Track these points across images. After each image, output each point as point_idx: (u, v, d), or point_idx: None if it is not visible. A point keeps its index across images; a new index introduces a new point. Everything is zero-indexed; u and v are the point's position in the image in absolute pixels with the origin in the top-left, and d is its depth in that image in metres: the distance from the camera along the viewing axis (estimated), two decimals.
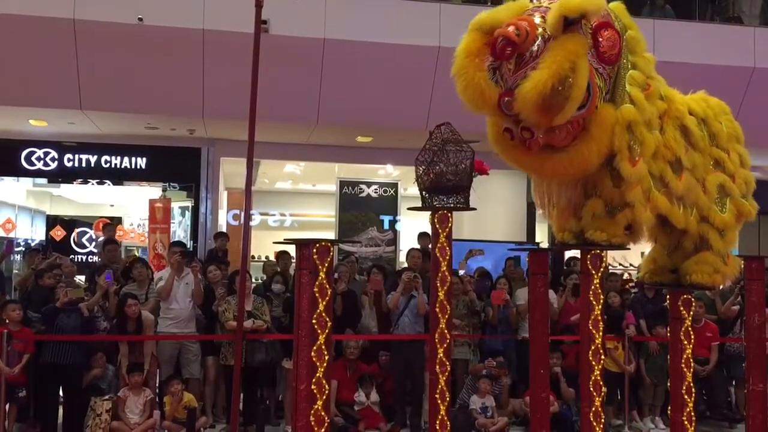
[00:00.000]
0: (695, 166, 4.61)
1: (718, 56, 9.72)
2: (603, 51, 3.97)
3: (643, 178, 4.26)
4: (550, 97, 3.65)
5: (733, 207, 4.80)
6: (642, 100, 4.20)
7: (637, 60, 4.31)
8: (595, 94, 3.97)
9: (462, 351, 8.03)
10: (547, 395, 5.01)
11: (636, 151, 4.20)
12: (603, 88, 4.07)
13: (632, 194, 4.27)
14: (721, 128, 4.86)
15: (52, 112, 9.60)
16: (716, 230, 4.76)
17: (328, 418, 4.18)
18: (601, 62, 4.01)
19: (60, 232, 13.21)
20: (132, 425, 7.11)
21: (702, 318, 8.04)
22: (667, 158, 4.44)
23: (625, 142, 4.18)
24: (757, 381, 5.17)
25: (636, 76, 4.25)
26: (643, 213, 4.33)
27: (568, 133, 4.00)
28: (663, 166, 4.41)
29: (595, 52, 3.95)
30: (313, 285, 4.17)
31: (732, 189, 4.79)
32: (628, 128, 4.17)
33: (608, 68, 4.09)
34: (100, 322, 7.41)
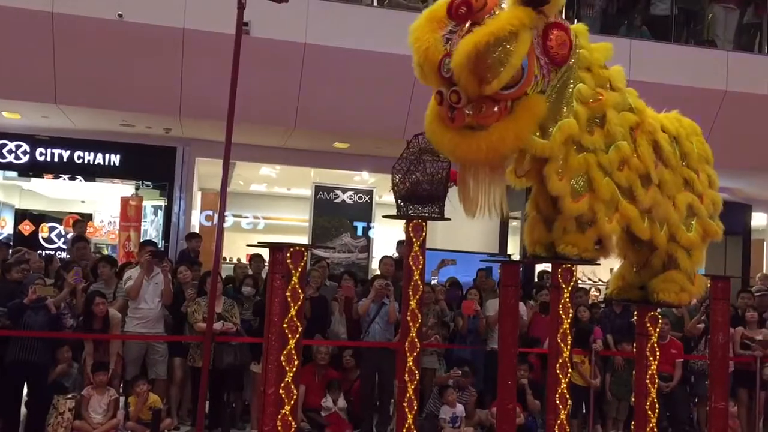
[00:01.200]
0: (665, 182, 4.68)
1: (691, 78, 9.90)
2: (551, 46, 4.02)
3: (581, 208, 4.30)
4: (484, 55, 3.68)
5: (699, 227, 4.86)
6: (584, 116, 4.20)
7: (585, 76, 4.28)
8: (530, 78, 3.94)
9: (430, 360, 8.06)
10: (514, 407, 5.05)
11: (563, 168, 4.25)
12: (540, 81, 4.05)
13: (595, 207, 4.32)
14: (692, 148, 4.94)
15: (26, 104, 9.47)
16: (684, 249, 4.83)
17: (296, 423, 4.18)
18: (545, 55, 4.03)
19: (28, 226, 13.01)
20: (95, 425, 7.01)
21: (668, 335, 8.17)
22: (639, 171, 4.49)
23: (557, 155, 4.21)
24: (720, 399, 5.26)
25: (583, 91, 4.25)
26: (605, 225, 4.36)
27: (493, 114, 3.91)
28: (633, 178, 4.47)
29: (542, 44, 4.01)
30: (286, 289, 4.17)
31: (699, 209, 4.86)
32: (564, 142, 4.19)
33: (552, 67, 4.10)
34: (67, 319, 7.31)
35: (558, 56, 4.07)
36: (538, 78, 4.01)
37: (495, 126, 3.94)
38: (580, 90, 4.24)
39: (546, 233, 4.61)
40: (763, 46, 11.15)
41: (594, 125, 4.35)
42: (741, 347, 8.41)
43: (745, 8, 11.26)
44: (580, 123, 4.21)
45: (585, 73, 4.30)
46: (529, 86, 3.97)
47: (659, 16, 10.78)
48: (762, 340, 8.40)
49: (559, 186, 4.27)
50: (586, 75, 4.30)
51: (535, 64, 3.97)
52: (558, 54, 4.07)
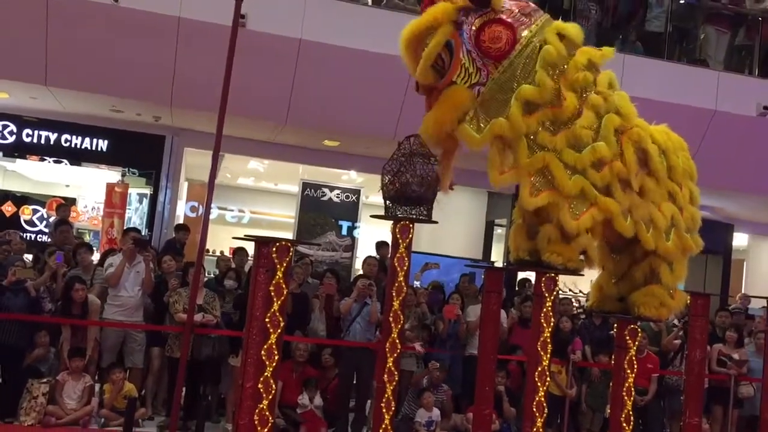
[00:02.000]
0: (647, 189, 4.73)
1: (681, 96, 9.97)
2: (483, 40, 4.25)
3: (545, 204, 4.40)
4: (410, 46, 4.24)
5: (676, 239, 4.89)
6: (517, 115, 4.26)
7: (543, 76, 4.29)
8: (454, 68, 4.22)
9: (408, 362, 8.06)
10: (491, 412, 5.08)
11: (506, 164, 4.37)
12: (474, 73, 4.26)
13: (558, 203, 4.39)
14: (678, 162, 4.98)
15: (15, 84, 9.38)
16: (666, 264, 4.87)
17: (273, 418, 4.17)
18: (476, 48, 4.25)
19: (11, 207, 12.87)
20: (68, 411, 6.96)
21: (645, 349, 8.22)
22: (621, 174, 4.54)
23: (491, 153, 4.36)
24: (694, 414, 5.31)
25: (526, 92, 4.28)
26: (569, 221, 4.37)
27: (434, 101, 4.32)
28: (612, 179, 4.51)
29: (475, 38, 4.24)
30: (269, 283, 4.16)
31: (679, 221, 4.89)
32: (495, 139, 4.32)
33: (489, 61, 4.27)
34: (46, 303, 7.25)
35: (491, 50, 4.26)
36: (470, 71, 4.23)
37: (427, 115, 4.31)
38: (521, 91, 4.29)
39: (528, 241, 4.64)
40: (753, 68, 11.26)
41: (557, 126, 4.41)
42: (717, 364, 8.49)
43: (736, 30, 11.37)
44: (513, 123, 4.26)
45: (544, 73, 4.31)
46: (455, 76, 4.22)
47: (653, 33, 10.87)
48: (739, 359, 8.48)
49: (498, 179, 4.39)
50: (544, 75, 4.30)
51: (465, 57, 4.22)
52: (491, 48, 4.25)
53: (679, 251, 4.93)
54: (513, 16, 4.34)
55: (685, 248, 4.96)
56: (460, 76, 4.25)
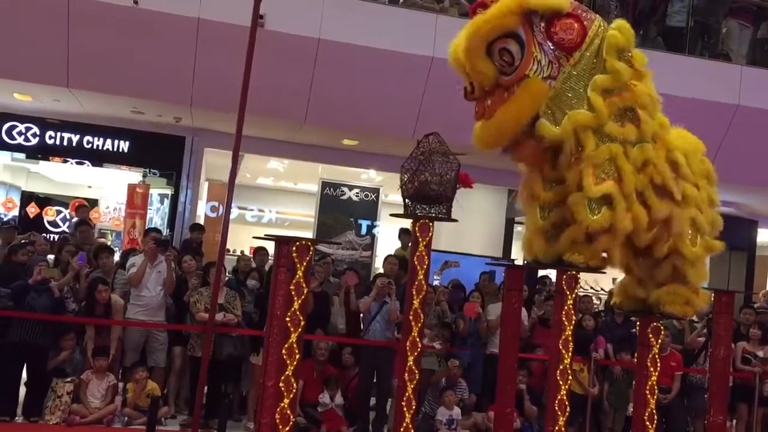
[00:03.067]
0: (687, 196, 4.68)
1: (704, 91, 9.86)
2: (554, 32, 4.22)
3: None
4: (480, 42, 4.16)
5: (703, 241, 4.85)
6: (600, 105, 4.22)
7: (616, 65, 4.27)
8: (527, 61, 4.16)
9: (429, 361, 8.05)
10: (512, 411, 5.06)
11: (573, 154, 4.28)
12: (547, 66, 4.21)
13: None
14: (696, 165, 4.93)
15: (38, 87, 9.48)
16: (690, 263, 4.82)
17: (294, 417, 4.18)
18: (549, 41, 4.21)
19: (34, 209, 13.03)
20: (92, 409, 7.04)
21: (668, 347, 8.14)
22: (655, 180, 4.49)
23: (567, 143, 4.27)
24: (718, 413, 5.26)
25: (601, 81, 4.27)
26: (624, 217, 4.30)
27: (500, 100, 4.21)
28: (646, 183, 4.46)
29: (545, 30, 4.21)
30: (290, 283, 4.18)
31: (702, 224, 4.83)
32: (576, 131, 4.25)
33: (561, 53, 4.24)
34: (69, 303, 7.34)
35: (564, 41, 4.23)
36: (543, 63, 4.19)
37: (497, 111, 4.19)
38: (596, 81, 4.27)
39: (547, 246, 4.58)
40: None
41: (625, 118, 4.36)
42: (742, 362, 8.40)
43: (759, 24, 11.22)
44: (597, 114, 4.23)
45: (614, 59, 4.29)
46: (528, 69, 4.16)
47: (675, 28, 10.75)
48: (763, 357, 8.38)
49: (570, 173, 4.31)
50: (614, 60, 4.29)
51: (537, 49, 4.16)
52: (564, 39, 4.22)
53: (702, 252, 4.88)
54: (580, 10, 4.36)
55: (708, 249, 4.91)
56: (532, 69, 4.19)
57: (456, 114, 4.70)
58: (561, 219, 4.50)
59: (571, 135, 4.24)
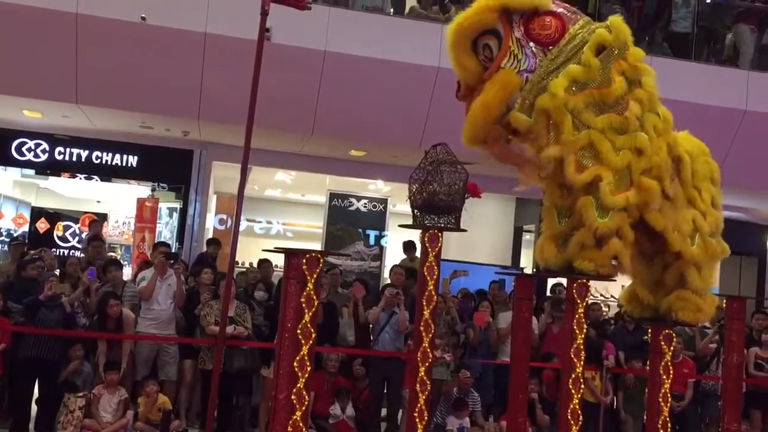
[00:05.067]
0: (676, 198, 4.67)
1: (711, 96, 9.83)
2: (532, 28, 4.31)
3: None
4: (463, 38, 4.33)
5: (702, 243, 4.81)
6: (558, 89, 4.24)
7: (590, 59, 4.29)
8: (503, 54, 4.25)
9: (440, 371, 8.03)
10: (524, 420, 5.03)
11: (551, 138, 4.29)
12: (521, 60, 4.28)
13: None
14: (699, 168, 4.92)
15: (47, 104, 9.55)
16: (694, 268, 4.79)
17: (306, 429, 4.18)
18: (526, 35, 4.30)
19: (44, 224, 13.11)
20: (104, 424, 7.05)
21: (680, 354, 8.09)
22: (642, 166, 4.45)
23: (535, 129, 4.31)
24: (732, 420, 5.22)
25: (572, 70, 4.28)
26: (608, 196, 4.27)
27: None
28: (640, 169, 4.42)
29: (524, 26, 4.31)
30: (300, 295, 4.18)
31: (702, 226, 4.81)
32: (542, 113, 4.28)
33: (540, 48, 4.31)
34: (80, 318, 7.37)
35: (541, 36, 4.31)
36: (519, 57, 4.27)
37: (472, 104, 4.29)
38: (567, 69, 4.30)
39: (558, 254, 4.58)
40: None
41: (602, 109, 4.35)
42: (755, 368, 8.33)
43: (764, 29, 11.20)
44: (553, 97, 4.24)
45: (590, 53, 4.32)
46: (504, 63, 4.25)
47: (680, 33, 10.73)
48: None
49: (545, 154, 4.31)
50: (590, 54, 4.31)
51: (514, 45, 4.27)
52: (540, 34, 4.31)
53: (706, 256, 4.84)
54: (563, 9, 4.43)
55: (711, 253, 4.86)
56: (508, 62, 4.26)
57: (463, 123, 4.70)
58: (578, 224, 4.50)
59: (539, 120, 4.28)
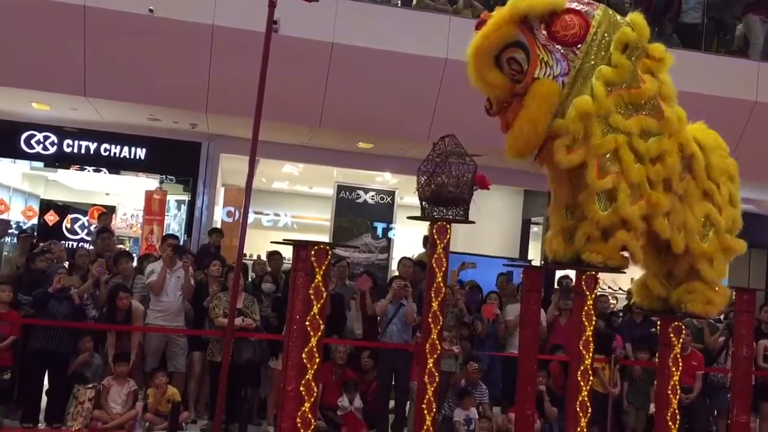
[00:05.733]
0: (687, 194, 4.66)
1: (720, 88, 9.77)
2: (555, 31, 4.26)
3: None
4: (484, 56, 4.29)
5: (715, 239, 4.78)
6: (602, 93, 4.23)
7: (621, 60, 4.29)
8: (533, 65, 4.22)
9: (448, 363, 8.03)
10: (533, 413, 5.04)
11: (578, 143, 4.28)
12: (553, 65, 4.25)
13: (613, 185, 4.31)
14: (715, 161, 4.89)
15: (55, 96, 9.57)
16: (706, 260, 4.77)
17: (314, 421, 4.19)
18: (553, 41, 4.25)
19: (53, 217, 13.16)
20: (114, 415, 7.09)
21: (689, 346, 8.07)
22: (665, 174, 4.46)
23: (573, 131, 4.27)
24: (741, 412, 5.21)
25: (606, 72, 4.27)
26: (626, 206, 4.30)
27: (516, 110, 4.29)
28: (660, 176, 4.44)
29: (546, 30, 4.26)
30: (309, 287, 4.18)
31: (718, 221, 4.79)
32: (580, 118, 4.25)
33: (567, 50, 4.28)
34: (89, 310, 7.40)
35: (567, 37, 4.26)
36: (550, 63, 4.23)
37: (515, 121, 4.24)
38: (601, 70, 4.28)
39: (567, 247, 4.58)
40: None
41: (631, 111, 4.34)
42: (764, 360, 8.31)
43: None
44: (597, 100, 4.23)
45: (618, 53, 4.30)
46: (537, 72, 4.21)
47: (690, 25, 10.67)
48: None
49: (565, 159, 4.32)
50: (619, 55, 4.30)
51: (542, 51, 4.21)
52: (566, 35, 4.26)
53: (719, 251, 4.81)
54: (578, 3, 4.38)
55: (725, 248, 4.84)
56: (541, 71, 4.24)
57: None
58: (582, 217, 4.49)
59: (575, 122, 4.25)
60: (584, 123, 4.26)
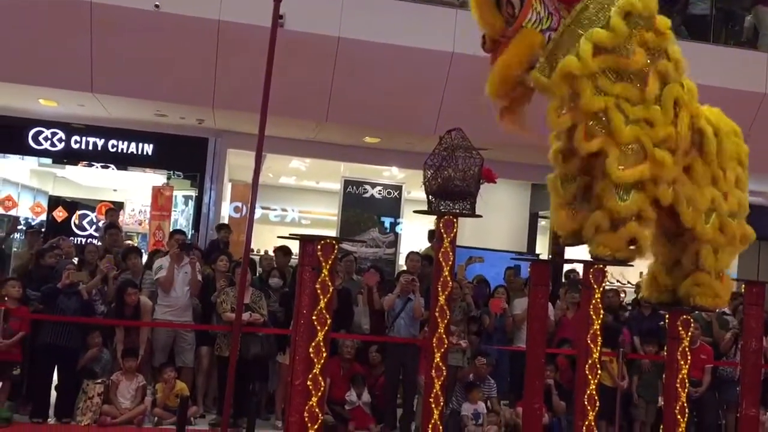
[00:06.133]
0: (695, 172, 4.63)
1: (729, 79, 9.69)
2: None
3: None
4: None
5: (717, 222, 4.75)
6: (587, 54, 4.20)
7: (618, 24, 4.25)
8: (524, 13, 4.22)
9: (455, 357, 8.03)
10: (541, 407, 5.03)
11: (567, 105, 4.28)
12: (543, 17, 4.27)
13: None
14: (728, 147, 4.86)
15: (63, 92, 9.60)
16: (709, 247, 4.74)
17: (322, 415, 4.19)
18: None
19: (62, 213, 13.21)
20: (122, 410, 7.12)
21: (698, 339, 8.03)
22: (669, 144, 4.42)
23: (558, 92, 4.27)
24: (751, 406, 5.19)
25: (598, 33, 4.24)
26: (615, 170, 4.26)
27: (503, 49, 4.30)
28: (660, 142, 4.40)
29: None
30: (315, 282, 4.18)
31: (720, 205, 4.76)
32: (563, 78, 4.23)
33: (562, 5, 4.31)
34: (98, 305, 7.43)
35: None
36: (542, 15, 4.26)
37: (497, 61, 4.29)
38: (592, 32, 4.25)
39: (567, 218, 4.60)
40: None
41: (621, 78, 4.32)
42: None
43: None
44: (583, 61, 4.20)
45: (618, 18, 4.27)
46: (526, 20, 4.23)
47: (698, 16, 10.59)
48: None
49: (555, 122, 4.34)
50: (618, 20, 4.26)
51: (536, 1, 4.25)
52: None
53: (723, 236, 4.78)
54: None
55: (730, 234, 4.81)
56: (530, 20, 4.26)
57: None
58: (582, 189, 4.48)
59: (560, 83, 4.24)
60: (568, 84, 4.25)
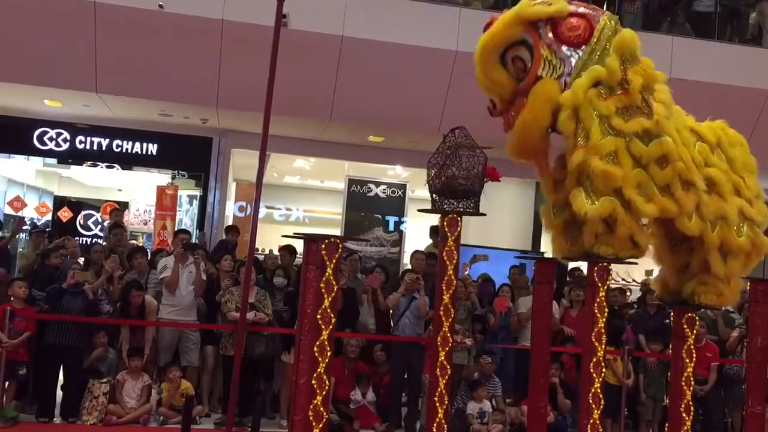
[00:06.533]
0: (716, 184, 4.61)
1: (734, 77, 9.67)
2: (561, 32, 4.32)
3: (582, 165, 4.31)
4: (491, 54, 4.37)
5: (750, 233, 4.73)
6: (579, 86, 4.26)
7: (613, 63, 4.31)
8: (538, 62, 4.27)
9: (459, 356, 8.02)
10: (545, 405, 5.03)
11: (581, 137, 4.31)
12: (558, 65, 4.31)
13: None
14: (736, 155, 4.83)
15: (67, 93, 9.62)
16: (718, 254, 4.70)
17: (327, 414, 4.20)
18: (558, 40, 4.31)
19: (67, 213, 13.25)
20: (128, 409, 7.14)
21: (703, 338, 8.02)
22: (683, 175, 4.42)
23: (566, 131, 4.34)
24: (756, 403, 5.17)
25: (596, 71, 4.30)
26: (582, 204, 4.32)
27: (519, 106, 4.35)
28: (672, 177, 4.40)
29: (553, 31, 4.32)
30: (320, 281, 4.18)
31: (752, 214, 4.73)
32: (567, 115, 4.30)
33: (572, 50, 4.33)
34: (104, 305, 7.45)
35: (571, 38, 4.32)
36: (554, 63, 4.29)
37: (518, 118, 4.30)
38: (590, 70, 4.31)
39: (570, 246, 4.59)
40: None
41: (631, 114, 4.34)
42: None
43: None
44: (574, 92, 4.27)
45: (615, 57, 4.33)
46: (540, 70, 4.27)
47: (702, 13, 10.57)
48: None
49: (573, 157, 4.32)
50: (615, 59, 4.32)
51: (546, 51, 4.28)
52: (571, 36, 4.32)
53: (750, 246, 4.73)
54: (583, 8, 4.44)
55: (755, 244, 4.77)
56: (544, 69, 4.29)
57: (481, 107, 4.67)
58: (571, 217, 4.49)
59: (566, 120, 4.28)
60: (586, 124, 4.27)
